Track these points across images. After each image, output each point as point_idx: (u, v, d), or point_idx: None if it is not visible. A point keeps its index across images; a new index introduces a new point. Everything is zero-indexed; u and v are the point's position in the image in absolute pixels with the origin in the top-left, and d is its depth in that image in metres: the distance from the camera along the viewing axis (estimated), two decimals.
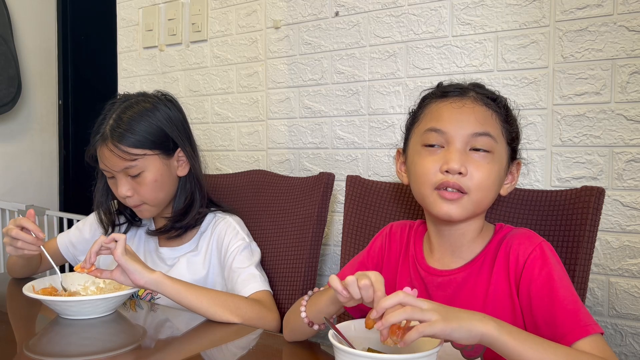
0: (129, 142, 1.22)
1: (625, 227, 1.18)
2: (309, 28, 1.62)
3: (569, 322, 0.79)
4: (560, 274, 0.84)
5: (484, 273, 0.90)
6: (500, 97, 0.94)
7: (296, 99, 1.66)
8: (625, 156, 1.18)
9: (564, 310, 0.80)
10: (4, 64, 2.80)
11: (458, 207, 0.87)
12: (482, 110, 0.90)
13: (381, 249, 1.04)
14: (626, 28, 1.17)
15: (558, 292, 0.82)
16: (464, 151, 0.88)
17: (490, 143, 0.88)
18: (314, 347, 0.97)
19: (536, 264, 0.85)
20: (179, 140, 1.30)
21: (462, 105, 0.90)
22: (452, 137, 0.88)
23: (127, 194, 1.25)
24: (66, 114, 3.25)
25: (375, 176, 1.51)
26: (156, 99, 1.31)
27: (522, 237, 0.89)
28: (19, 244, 1.21)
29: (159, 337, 1.08)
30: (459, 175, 0.87)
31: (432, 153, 0.90)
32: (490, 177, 0.88)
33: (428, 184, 0.89)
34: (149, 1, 2.02)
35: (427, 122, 0.93)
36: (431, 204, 0.90)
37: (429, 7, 1.40)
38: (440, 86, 0.97)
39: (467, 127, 0.88)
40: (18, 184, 3.03)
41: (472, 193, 0.87)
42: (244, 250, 1.27)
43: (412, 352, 0.73)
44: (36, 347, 0.99)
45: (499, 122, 0.90)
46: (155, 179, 1.25)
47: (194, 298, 1.10)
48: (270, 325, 1.14)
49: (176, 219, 1.31)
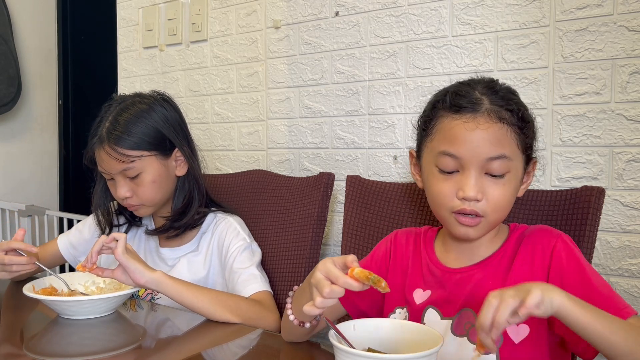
0: (125, 145, 1.22)
1: (625, 227, 1.18)
2: (309, 28, 1.62)
3: (607, 307, 0.78)
4: (588, 263, 0.87)
5: (504, 268, 0.91)
6: (515, 103, 0.89)
7: (296, 99, 1.66)
8: (625, 156, 1.18)
9: (600, 295, 0.82)
10: (4, 64, 2.80)
11: (476, 230, 0.89)
12: (496, 129, 0.86)
13: (385, 256, 1.04)
14: (626, 28, 1.17)
15: (591, 279, 0.84)
16: (480, 176, 0.87)
17: (506, 165, 0.87)
18: (314, 347, 0.97)
19: (562, 253, 0.87)
20: (175, 141, 1.30)
21: (475, 127, 0.86)
22: (467, 163, 0.86)
23: (126, 195, 1.25)
24: (66, 114, 3.25)
25: (375, 176, 1.51)
26: (152, 100, 1.30)
27: (542, 231, 0.91)
28: (14, 268, 1.20)
29: (159, 337, 1.08)
30: (475, 202, 0.87)
31: (447, 178, 0.89)
32: (506, 198, 0.88)
33: (445, 207, 0.90)
34: (149, 1, 2.02)
35: (439, 141, 0.90)
36: (450, 226, 0.91)
37: (429, 7, 1.40)
38: (451, 95, 0.91)
39: (482, 151, 0.85)
40: (18, 184, 3.03)
41: (489, 215, 0.88)
42: (244, 251, 1.27)
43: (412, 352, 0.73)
44: (36, 347, 0.99)
45: (514, 136, 0.87)
46: (153, 180, 1.25)
47: (194, 297, 1.10)
48: (270, 325, 1.14)
49: (175, 219, 1.31)
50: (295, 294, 0.94)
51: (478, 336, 0.71)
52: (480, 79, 0.94)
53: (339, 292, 0.77)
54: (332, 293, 0.76)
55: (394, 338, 0.80)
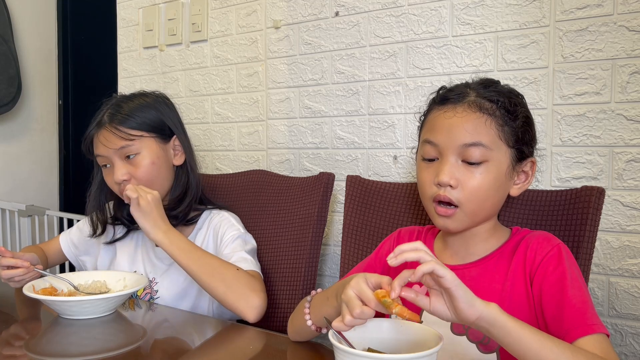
0: (127, 125, 1.26)
1: (625, 227, 1.18)
2: (309, 28, 1.62)
3: (575, 319, 0.79)
4: (574, 275, 0.85)
5: (501, 269, 0.91)
6: (504, 97, 0.90)
7: (296, 99, 1.66)
8: (625, 156, 1.18)
9: (571, 307, 0.81)
10: (4, 64, 2.80)
11: (453, 221, 0.90)
12: (474, 118, 0.88)
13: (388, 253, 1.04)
14: (626, 28, 1.17)
15: (568, 290, 0.83)
16: (456, 163, 0.88)
17: (482, 153, 0.87)
18: (316, 347, 0.97)
19: (551, 262, 0.86)
20: (175, 130, 1.34)
21: (453, 115, 0.89)
22: (444, 149, 0.89)
23: (123, 177, 1.25)
24: (66, 114, 3.25)
25: (375, 176, 1.51)
26: (154, 96, 1.36)
27: (541, 238, 0.91)
28: (17, 279, 1.24)
29: (158, 337, 1.08)
30: (449, 188, 0.88)
31: (428, 166, 0.92)
32: (482, 188, 0.88)
33: (426, 196, 0.92)
34: (149, 1, 2.02)
35: (425, 132, 0.94)
36: (432, 217, 0.93)
37: (429, 7, 1.40)
38: (442, 90, 0.96)
39: (457, 138, 0.87)
40: (18, 184, 3.03)
41: (464, 205, 0.88)
42: (237, 239, 1.29)
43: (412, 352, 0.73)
44: (36, 347, 0.99)
45: (494, 127, 0.88)
46: (152, 162, 1.27)
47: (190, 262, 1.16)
48: (253, 302, 1.13)
49: (172, 207, 1.32)
50: (315, 299, 0.93)
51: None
52: (484, 78, 0.95)
53: (369, 314, 0.76)
54: (362, 314, 0.76)
55: (394, 338, 0.80)
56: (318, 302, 0.92)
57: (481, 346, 0.87)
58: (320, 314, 0.90)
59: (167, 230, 1.19)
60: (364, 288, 0.77)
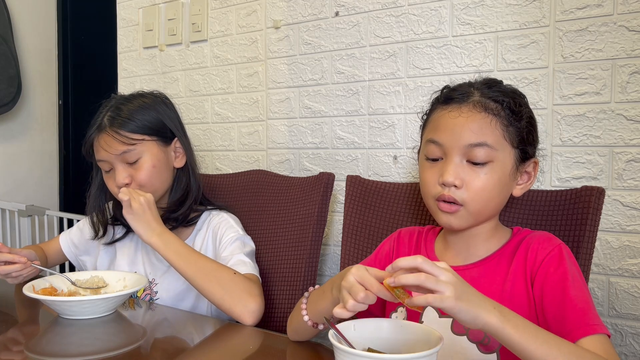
0: (128, 128, 1.25)
1: (625, 227, 1.18)
2: (309, 28, 1.62)
3: (576, 320, 0.80)
4: (575, 276, 0.85)
5: (501, 270, 0.91)
6: (509, 98, 0.90)
7: (296, 99, 1.66)
8: (625, 156, 1.18)
9: (573, 308, 0.81)
10: (4, 64, 2.80)
11: (456, 218, 0.90)
12: (479, 118, 0.88)
13: (389, 254, 1.05)
14: (626, 28, 1.17)
15: (570, 291, 0.83)
16: (460, 163, 0.88)
17: (487, 153, 0.87)
18: (315, 347, 0.97)
19: (553, 262, 0.86)
20: (176, 131, 1.33)
21: (458, 115, 0.89)
22: (449, 149, 0.89)
23: (124, 181, 1.25)
24: (66, 114, 3.25)
25: (375, 176, 1.51)
26: (153, 97, 1.35)
27: (542, 238, 0.91)
28: (14, 274, 1.24)
29: (158, 336, 1.08)
30: (454, 188, 0.88)
31: (432, 165, 0.92)
32: (487, 188, 0.88)
33: (429, 195, 0.92)
34: (149, 1, 2.02)
35: (429, 131, 0.94)
36: (434, 214, 0.93)
37: (429, 7, 1.40)
38: (446, 89, 0.95)
39: (462, 138, 0.87)
40: (18, 184, 3.02)
41: (469, 205, 0.88)
42: (235, 241, 1.28)
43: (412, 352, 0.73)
44: (36, 347, 0.99)
45: (499, 127, 0.88)
46: (153, 165, 1.27)
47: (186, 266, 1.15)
48: (250, 306, 1.12)
49: (172, 209, 1.31)
50: (312, 295, 0.94)
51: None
52: (487, 78, 0.95)
53: (372, 299, 0.76)
54: (367, 299, 0.75)
55: (394, 338, 0.80)
56: (314, 298, 0.92)
57: (481, 346, 0.88)
58: (316, 308, 0.90)
59: (161, 232, 1.18)
60: (366, 275, 0.77)
